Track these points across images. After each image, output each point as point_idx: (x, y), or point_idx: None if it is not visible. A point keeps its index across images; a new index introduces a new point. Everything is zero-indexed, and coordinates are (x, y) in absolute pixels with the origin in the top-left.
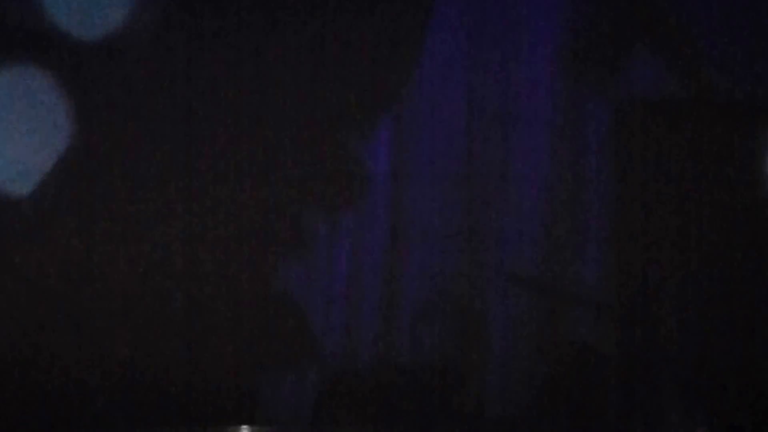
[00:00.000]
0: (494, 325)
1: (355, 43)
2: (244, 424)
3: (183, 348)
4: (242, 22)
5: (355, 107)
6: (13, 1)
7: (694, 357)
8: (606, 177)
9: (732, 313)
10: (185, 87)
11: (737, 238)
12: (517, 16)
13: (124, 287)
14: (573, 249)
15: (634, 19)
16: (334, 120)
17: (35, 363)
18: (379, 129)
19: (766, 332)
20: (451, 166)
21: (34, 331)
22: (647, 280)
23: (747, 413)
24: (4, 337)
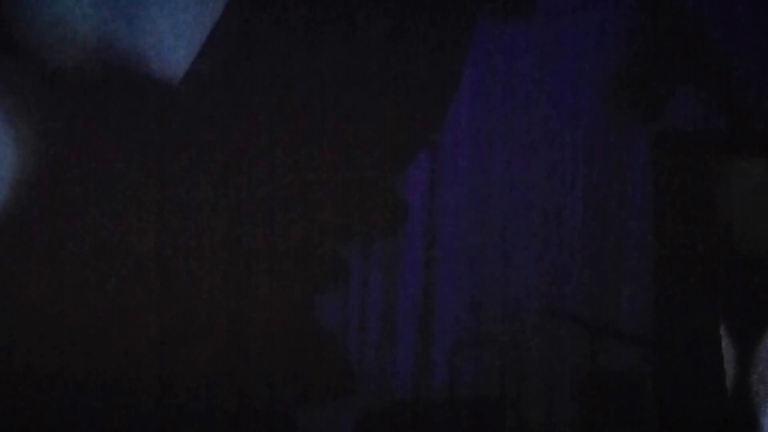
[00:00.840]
0: (532, 358)
1: (393, 76)
2: None
3: (219, 379)
4: (277, 49)
5: (393, 139)
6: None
7: (731, 389)
8: (645, 209)
9: None
10: (219, 111)
11: None
12: (557, 47)
13: (155, 318)
14: (611, 281)
15: (675, 50)
16: (371, 152)
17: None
18: (416, 161)
19: None
20: (487, 199)
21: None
22: (684, 312)
23: None
24: None
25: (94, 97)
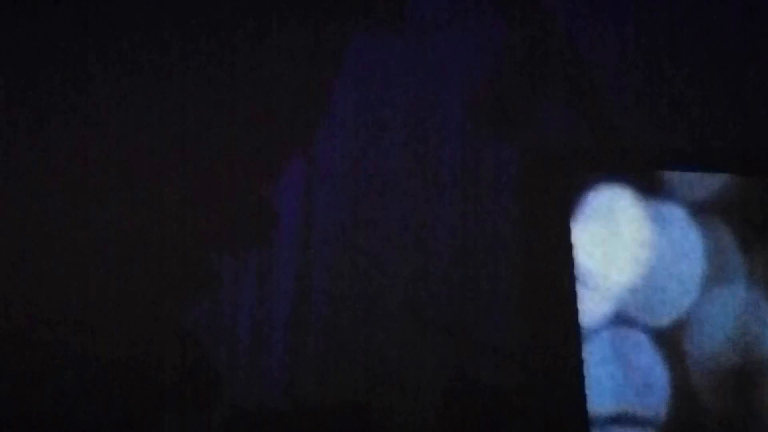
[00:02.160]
0: (400, 366)
1: (265, 85)
2: None
3: (86, 389)
4: (147, 51)
5: (265, 148)
6: None
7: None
8: (513, 226)
9: None
10: (107, 135)
11: None
12: (427, 63)
13: (30, 332)
14: (479, 296)
15: (544, 69)
16: (242, 159)
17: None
18: (290, 169)
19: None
20: (360, 211)
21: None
22: (548, 327)
23: None
24: None
25: None
